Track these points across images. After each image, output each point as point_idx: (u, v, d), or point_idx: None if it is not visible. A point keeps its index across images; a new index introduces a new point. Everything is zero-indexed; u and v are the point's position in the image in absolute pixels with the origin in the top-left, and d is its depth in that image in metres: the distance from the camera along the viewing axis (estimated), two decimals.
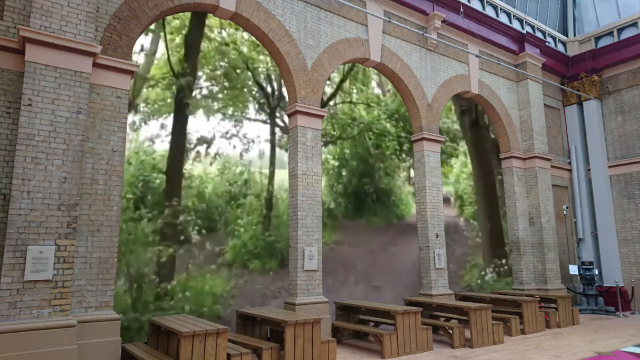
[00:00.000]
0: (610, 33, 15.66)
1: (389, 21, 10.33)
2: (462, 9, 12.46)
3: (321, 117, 9.35)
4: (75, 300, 6.13)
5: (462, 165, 12.97)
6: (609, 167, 15.17)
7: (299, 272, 8.50)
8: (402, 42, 11.38)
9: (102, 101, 6.81)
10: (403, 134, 11.62)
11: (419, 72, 11.58)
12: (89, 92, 6.65)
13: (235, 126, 8.81)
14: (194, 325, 5.92)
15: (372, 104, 11.15)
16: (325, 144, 10.07)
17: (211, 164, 8.38)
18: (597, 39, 16.02)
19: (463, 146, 13.05)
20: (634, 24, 15.02)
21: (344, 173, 10.34)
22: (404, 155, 11.59)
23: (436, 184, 11.30)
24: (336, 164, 10.24)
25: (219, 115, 8.61)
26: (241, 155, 8.77)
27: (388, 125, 11.39)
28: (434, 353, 7.96)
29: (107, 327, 6.19)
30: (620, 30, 15.39)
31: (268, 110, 9.31)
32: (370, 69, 11.10)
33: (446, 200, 12.29)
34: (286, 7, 9.36)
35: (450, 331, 8.49)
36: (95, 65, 6.71)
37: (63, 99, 6.16)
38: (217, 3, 8.33)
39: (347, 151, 10.47)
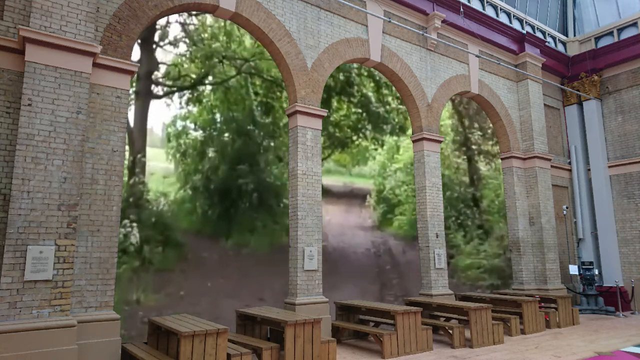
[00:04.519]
0: (610, 33, 15.65)
1: (389, 21, 10.33)
2: (462, 9, 12.45)
3: (321, 117, 9.34)
4: (75, 300, 6.14)
5: (391, 149, 9.23)
6: (609, 167, 15.16)
7: (299, 272, 8.50)
8: (402, 42, 11.38)
9: (102, 101, 6.81)
10: None
11: (419, 72, 11.58)
12: (89, 92, 6.65)
13: None
14: (194, 325, 5.92)
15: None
16: (180, 91, 6.24)
17: None
18: (597, 39, 16.01)
19: (395, 118, 8.61)
20: (634, 24, 15.02)
21: (210, 153, 6.35)
22: None
23: (436, 184, 11.29)
24: (199, 135, 6.09)
25: None
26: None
27: None
28: (434, 353, 7.96)
29: (107, 327, 6.19)
30: (620, 30, 15.39)
31: None
32: None
33: (358, 198, 8.05)
34: (286, 7, 9.35)
35: (450, 331, 8.49)
36: (95, 65, 6.72)
37: (63, 99, 6.16)
38: (217, 3, 8.33)
39: (217, 113, 6.50)
